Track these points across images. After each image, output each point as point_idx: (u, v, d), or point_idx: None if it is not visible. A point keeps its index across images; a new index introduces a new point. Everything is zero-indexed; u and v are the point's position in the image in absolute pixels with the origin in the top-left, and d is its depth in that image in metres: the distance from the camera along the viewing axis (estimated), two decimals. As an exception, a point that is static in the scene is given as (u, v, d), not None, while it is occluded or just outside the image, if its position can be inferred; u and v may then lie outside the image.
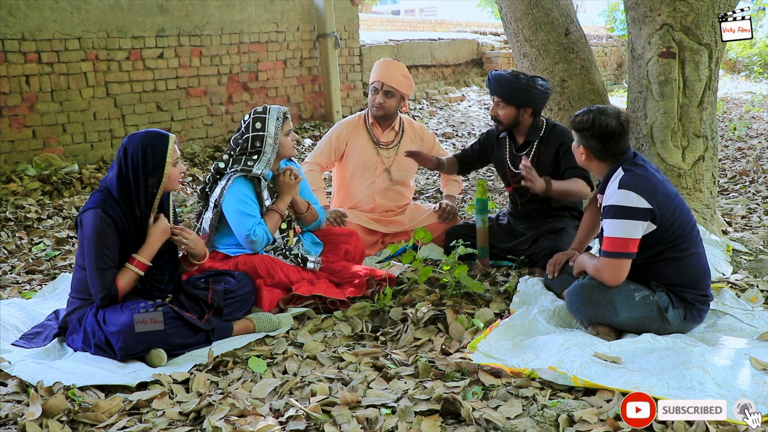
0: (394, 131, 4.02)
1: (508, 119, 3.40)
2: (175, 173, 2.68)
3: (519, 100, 3.35)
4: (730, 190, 5.33)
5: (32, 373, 2.36)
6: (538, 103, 3.39)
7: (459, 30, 13.57)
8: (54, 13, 6.10)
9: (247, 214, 3.07)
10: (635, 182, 2.54)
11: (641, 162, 2.66)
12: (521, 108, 3.37)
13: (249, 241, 3.06)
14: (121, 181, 2.62)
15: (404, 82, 3.88)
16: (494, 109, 3.43)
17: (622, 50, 13.28)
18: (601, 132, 2.61)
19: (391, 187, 4.02)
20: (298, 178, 3.25)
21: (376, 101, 3.88)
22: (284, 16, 7.98)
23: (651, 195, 2.52)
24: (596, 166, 2.70)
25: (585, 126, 2.64)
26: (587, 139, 2.65)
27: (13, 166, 5.83)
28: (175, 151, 2.66)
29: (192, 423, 2.11)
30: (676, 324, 2.60)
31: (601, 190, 2.70)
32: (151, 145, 2.62)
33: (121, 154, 2.63)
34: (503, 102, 3.37)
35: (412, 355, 2.55)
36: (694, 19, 3.60)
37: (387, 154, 3.99)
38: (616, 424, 1.95)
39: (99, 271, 2.56)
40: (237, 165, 3.15)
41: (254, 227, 3.06)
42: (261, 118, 3.16)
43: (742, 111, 9.54)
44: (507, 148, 3.58)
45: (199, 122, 7.30)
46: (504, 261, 3.53)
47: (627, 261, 2.56)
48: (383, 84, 3.84)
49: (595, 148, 2.65)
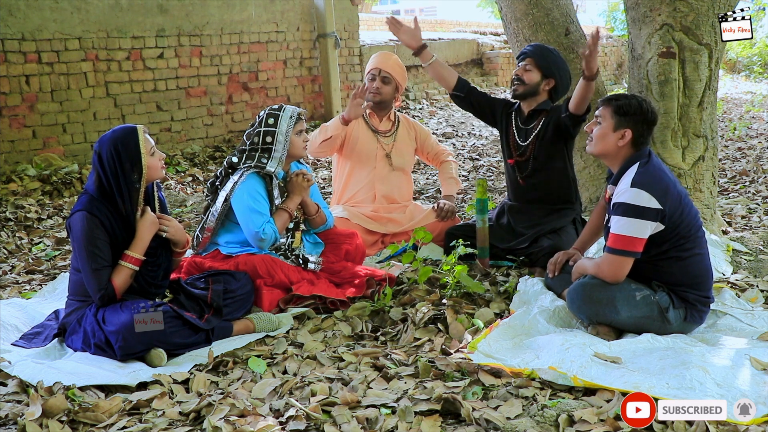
0: (390, 120, 4.10)
1: (532, 83, 3.49)
2: (154, 162, 2.65)
3: (549, 67, 3.47)
4: (730, 190, 5.33)
5: (32, 373, 2.36)
6: (562, 77, 3.50)
7: (459, 30, 13.58)
8: (54, 13, 6.10)
9: (257, 211, 3.07)
10: (648, 181, 2.52)
11: (656, 162, 2.64)
12: (546, 77, 3.49)
13: (258, 238, 3.06)
14: (101, 186, 2.61)
15: (399, 71, 3.99)
16: (521, 70, 3.50)
17: (622, 50, 13.28)
18: (652, 116, 2.61)
19: (392, 173, 4.05)
20: (310, 181, 3.28)
21: (373, 86, 3.96)
22: (284, 16, 7.98)
23: (662, 195, 2.50)
24: (626, 152, 2.64)
25: (635, 110, 2.60)
26: (636, 123, 2.60)
27: (13, 166, 5.83)
28: (148, 141, 2.63)
29: (192, 423, 2.11)
30: (677, 324, 2.60)
31: (614, 182, 2.67)
32: (122, 142, 2.59)
33: (95, 160, 2.61)
34: (533, 64, 3.47)
35: (412, 355, 2.55)
36: (694, 19, 3.60)
37: (386, 141, 4.05)
38: (616, 424, 1.95)
39: (93, 272, 2.56)
40: (250, 161, 3.14)
41: (264, 225, 3.06)
42: (275, 114, 3.17)
43: (742, 111, 9.54)
44: (513, 120, 3.64)
45: (199, 122, 7.30)
46: (504, 261, 3.53)
47: (630, 260, 2.55)
48: (380, 70, 3.95)
49: (641, 133, 2.61)
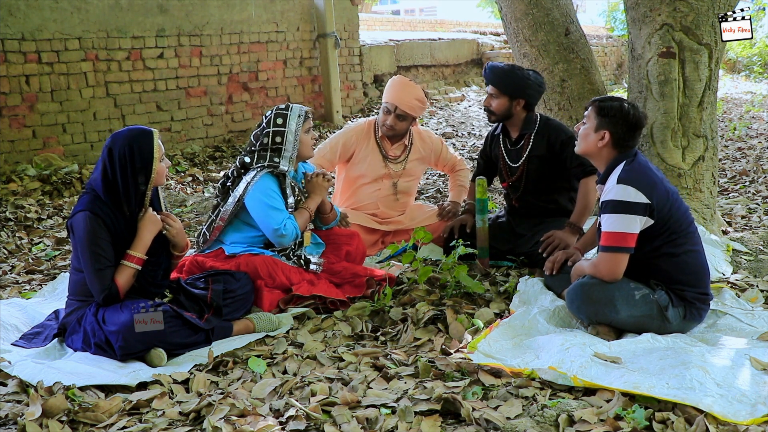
0: (403, 145, 3.99)
1: (501, 109, 3.45)
2: (162, 168, 2.68)
3: (512, 90, 3.40)
4: (730, 190, 5.33)
5: (32, 373, 2.36)
6: (530, 95, 3.43)
7: (459, 30, 13.57)
8: (54, 13, 6.10)
9: (276, 208, 3.08)
10: (633, 177, 2.56)
11: (642, 160, 2.68)
12: (514, 99, 3.42)
13: (278, 234, 3.06)
14: (106, 182, 2.60)
15: (418, 107, 3.83)
16: (488, 99, 3.48)
17: (622, 50, 13.28)
18: (633, 119, 2.64)
19: (396, 198, 4.02)
20: (330, 181, 3.30)
21: (387, 122, 3.83)
22: (284, 16, 7.98)
23: (649, 190, 2.54)
24: (608, 153, 2.68)
25: (615, 112, 2.64)
26: (615, 125, 2.64)
27: (13, 166, 5.83)
28: (161, 147, 2.66)
29: (192, 423, 2.11)
30: (676, 323, 2.61)
31: (601, 181, 2.71)
32: (138, 143, 2.60)
33: (105, 155, 2.61)
34: (497, 91, 3.42)
35: (412, 355, 2.54)
36: (694, 19, 3.60)
37: (395, 168, 3.97)
38: (616, 424, 1.95)
39: (96, 272, 2.55)
40: (263, 161, 3.15)
41: (285, 221, 3.07)
42: (283, 114, 3.17)
43: (742, 111, 9.54)
44: (502, 144, 3.61)
45: (199, 122, 7.30)
46: (504, 261, 3.53)
47: (625, 256, 2.57)
48: (396, 107, 3.79)
49: (620, 134, 2.64)
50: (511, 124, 3.54)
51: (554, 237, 3.22)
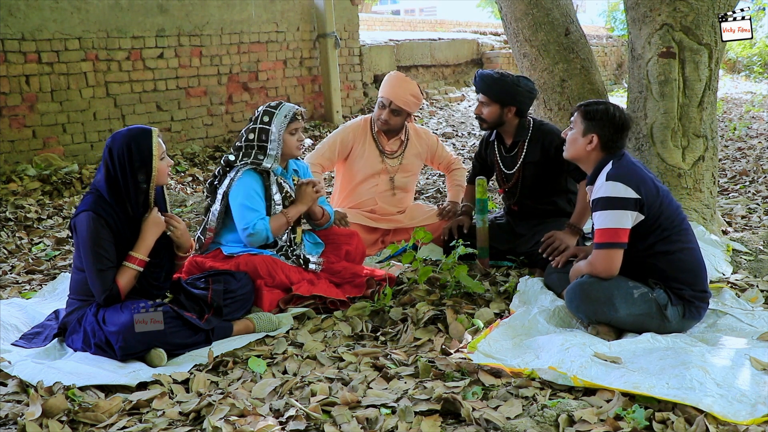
0: (399, 140, 4.02)
1: (492, 117, 3.44)
2: (163, 167, 2.67)
3: (502, 98, 3.39)
4: (730, 190, 5.33)
5: (32, 373, 2.36)
6: (522, 102, 3.42)
7: (459, 30, 13.58)
8: (54, 13, 6.10)
9: (250, 207, 3.07)
10: (622, 173, 2.59)
11: (630, 158, 2.72)
12: (505, 107, 3.41)
13: (247, 234, 3.06)
14: (110, 182, 2.61)
15: (413, 102, 3.85)
16: (478, 108, 3.47)
17: (622, 50, 13.29)
18: (620, 122, 2.67)
19: (393, 192, 4.03)
20: (320, 192, 3.27)
21: (381, 117, 3.86)
22: (284, 16, 7.98)
23: (638, 185, 2.57)
24: (596, 156, 2.72)
25: (601, 115, 2.68)
26: (602, 128, 2.68)
27: (13, 166, 5.83)
28: (161, 145, 2.65)
29: (192, 423, 2.11)
30: (676, 321, 2.61)
31: (591, 182, 2.74)
32: (136, 141, 2.60)
33: (106, 155, 2.62)
34: (487, 99, 3.42)
35: (412, 355, 2.54)
36: (694, 19, 3.59)
37: (392, 163, 3.99)
38: (616, 424, 1.95)
39: (98, 272, 2.56)
40: (247, 158, 3.15)
41: (255, 221, 3.06)
42: (270, 112, 3.18)
43: (742, 111, 9.54)
44: (497, 150, 3.60)
45: (199, 122, 7.30)
46: (504, 261, 3.53)
47: (619, 251, 2.59)
48: (391, 102, 3.82)
49: (607, 137, 2.68)
50: (504, 131, 3.53)
51: (554, 237, 3.22)
